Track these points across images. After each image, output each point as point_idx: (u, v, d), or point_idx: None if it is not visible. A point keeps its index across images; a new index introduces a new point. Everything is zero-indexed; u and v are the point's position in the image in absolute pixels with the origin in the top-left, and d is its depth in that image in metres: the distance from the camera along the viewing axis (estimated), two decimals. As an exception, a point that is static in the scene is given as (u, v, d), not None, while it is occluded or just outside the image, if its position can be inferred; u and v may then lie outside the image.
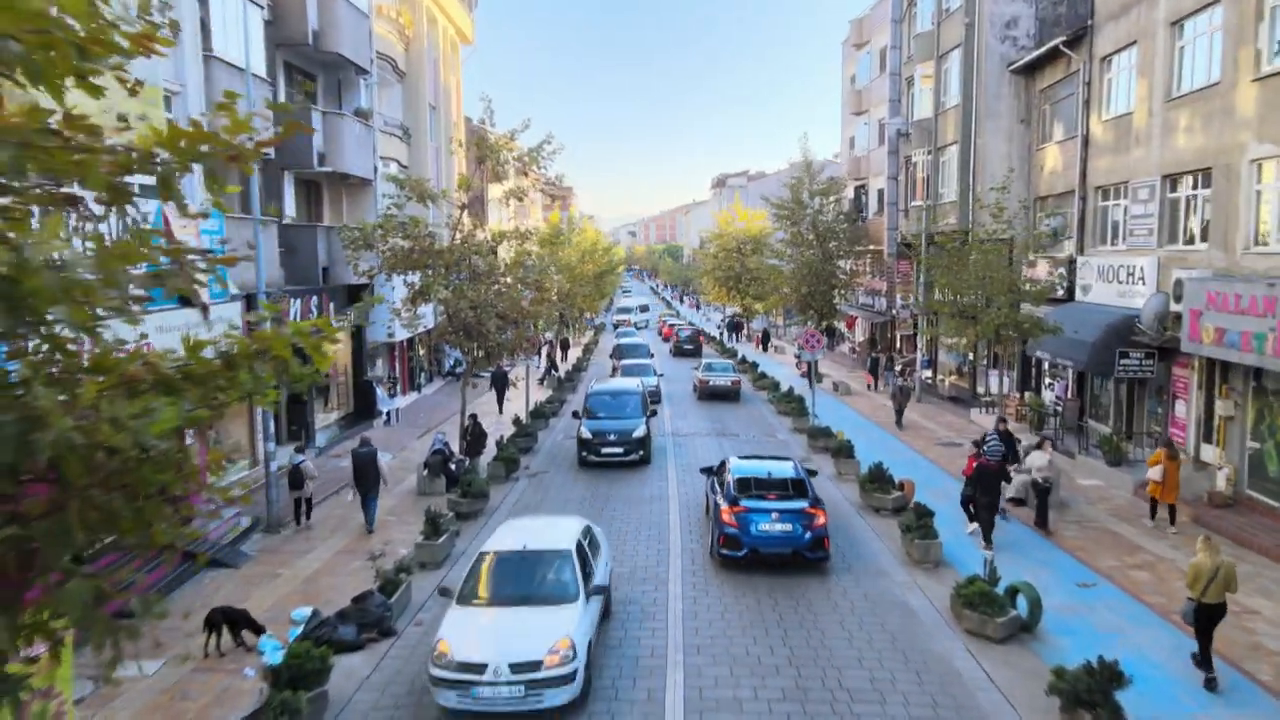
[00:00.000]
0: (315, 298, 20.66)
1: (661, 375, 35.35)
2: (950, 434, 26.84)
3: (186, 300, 4.20)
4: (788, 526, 14.17)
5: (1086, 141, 23.40)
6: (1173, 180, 19.34)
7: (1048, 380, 26.88)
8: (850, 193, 45.07)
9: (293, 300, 19.33)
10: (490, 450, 22.29)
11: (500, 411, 34.59)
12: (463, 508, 17.72)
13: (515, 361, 23.27)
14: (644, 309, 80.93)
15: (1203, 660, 10.55)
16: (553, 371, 39.38)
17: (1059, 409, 24.86)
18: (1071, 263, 23.72)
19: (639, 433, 22.68)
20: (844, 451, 21.35)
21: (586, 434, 22.42)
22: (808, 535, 14.15)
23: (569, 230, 46.04)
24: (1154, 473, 16.42)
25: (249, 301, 16.66)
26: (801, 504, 14.45)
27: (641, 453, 22.50)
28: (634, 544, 16.09)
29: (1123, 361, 19.05)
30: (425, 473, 19.89)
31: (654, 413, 25.11)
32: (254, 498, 17.24)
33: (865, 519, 17.70)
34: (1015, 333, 19.58)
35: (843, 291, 42.88)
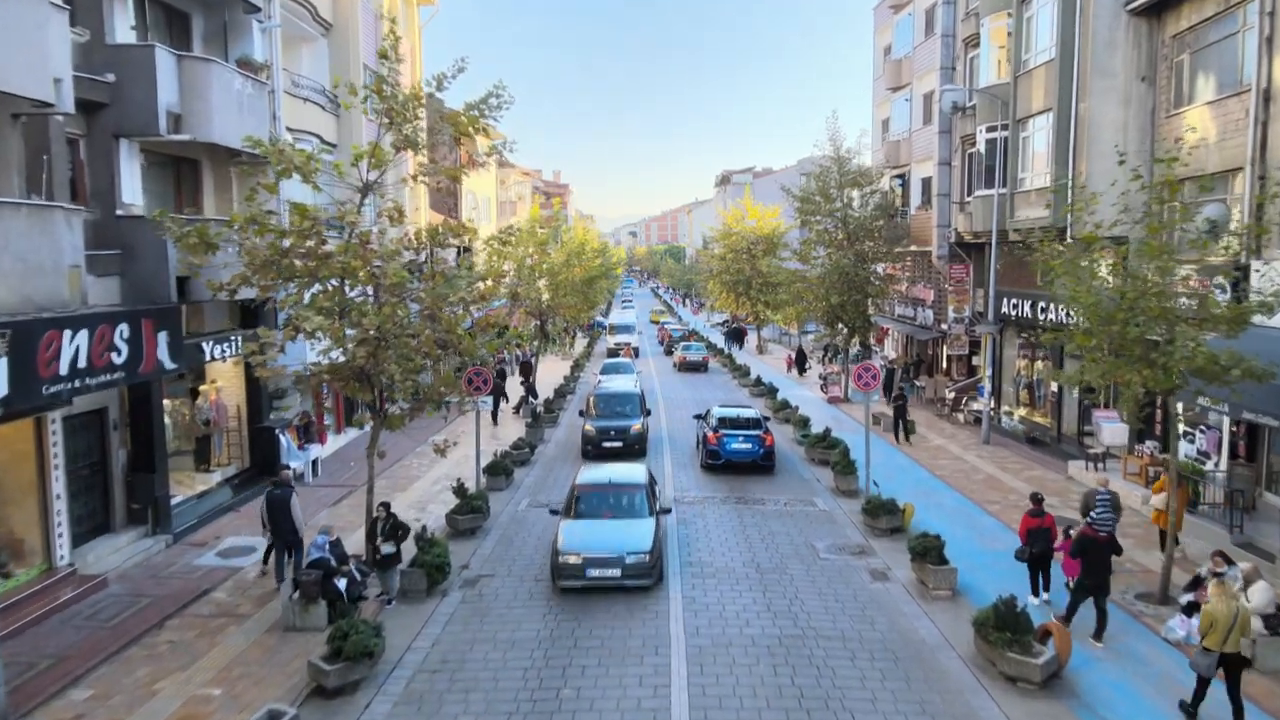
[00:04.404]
0: (125, 325, 13.59)
1: (670, 510, 17.10)
2: (1052, 499, 19.65)
3: None
4: (748, 445, 22.44)
5: (1267, 98, 16.42)
6: None
7: (1183, 429, 19.83)
8: (885, 184, 38.04)
9: (71, 333, 12.24)
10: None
11: (494, 421, 29.75)
12: (329, 680, 10.72)
13: (457, 401, 16.20)
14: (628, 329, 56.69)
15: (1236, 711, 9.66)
16: (529, 400, 32.36)
17: (1216, 473, 17.88)
18: (1240, 270, 16.73)
19: None
20: (930, 554, 14.30)
21: None
22: (761, 450, 22.46)
23: (551, 226, 38.87)
24: (1158, 500, 15.68)
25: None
26: (758, 432, 22.83)
27: None
28: None
29: (1395, 430, 12.05)
30: (295, 596, 12.89)
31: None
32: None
33: (996, 695, 10.68)
34: (1210, 380, 12.57)
35: (878, 301, 35.85)
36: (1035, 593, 13.98)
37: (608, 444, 24.19)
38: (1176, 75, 19.91)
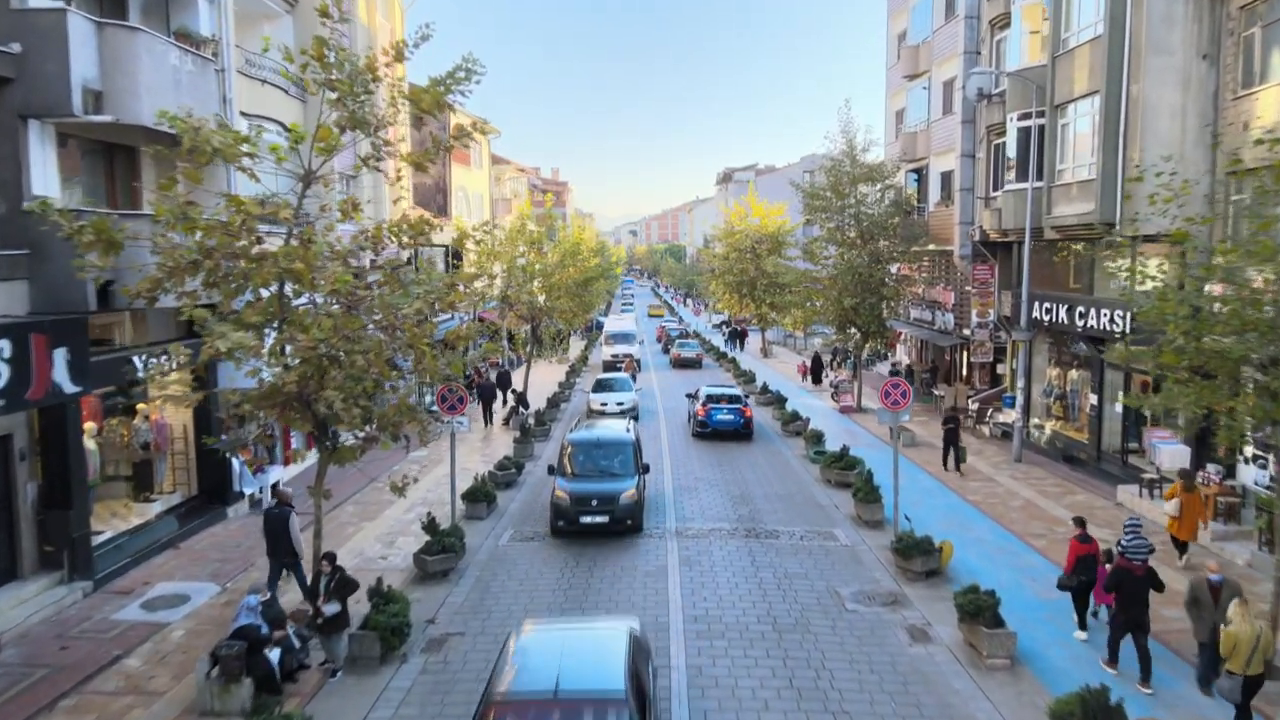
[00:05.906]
0: (5, 342, 11.29)
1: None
2: (1102, 530, 17.26)
3: None
4: (731, 416, 27.47)
5: (1367, 72, 14.10)
6: None
7: (1249, 452, 17.52)
8: (901, 178, 35.70)
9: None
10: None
11: (488, 423, 30.57)
12: (237, 801, 8.42)
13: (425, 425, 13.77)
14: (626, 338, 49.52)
15: None
16: (519, 411, 30.04)
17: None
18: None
19: None
20: (983, 614, 11.95)
21: None
22: (742, 420, 27.51)
23: (545, 224, 36.51)
24: (1170, 507, 15.38)
25: None
26: (739, 405, 27.96)
27: None
28: None
29: None
30: (214, 673, 10.57)
31: None
32: None
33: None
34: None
35: (892, 303, 33.51)
36: (1083, 626, 12.94)
37: (587, 519, 16.94)
38: (1245, 52, 17.57)
